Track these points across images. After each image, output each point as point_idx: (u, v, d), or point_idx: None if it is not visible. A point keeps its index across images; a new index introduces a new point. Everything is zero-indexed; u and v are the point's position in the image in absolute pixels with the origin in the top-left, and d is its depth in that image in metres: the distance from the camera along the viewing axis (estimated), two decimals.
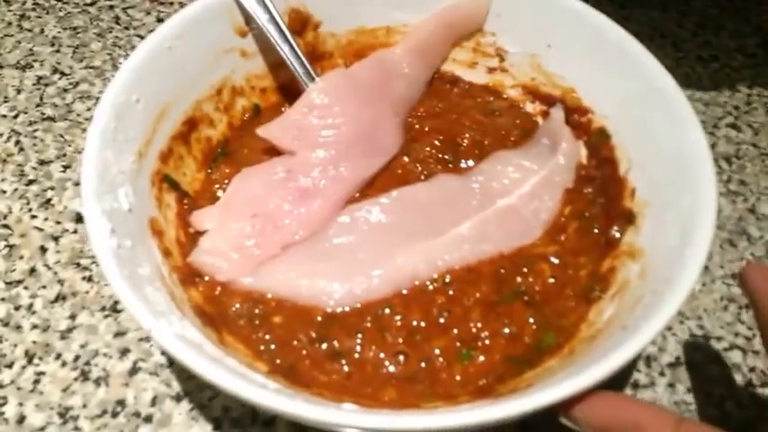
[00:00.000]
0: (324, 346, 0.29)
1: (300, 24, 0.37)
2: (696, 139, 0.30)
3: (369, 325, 0.30)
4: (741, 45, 0.55)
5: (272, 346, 0.29)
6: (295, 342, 0.29)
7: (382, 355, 0.29)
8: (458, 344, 0.29)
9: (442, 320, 0.30)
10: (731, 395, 0.35)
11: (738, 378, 0.35)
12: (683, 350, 0.36)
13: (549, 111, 0.37)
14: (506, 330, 0.30)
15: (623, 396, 0.24)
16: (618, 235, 0.32)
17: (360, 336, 0.30)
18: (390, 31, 0.39)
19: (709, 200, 0.27)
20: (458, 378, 0.28)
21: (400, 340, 0.29)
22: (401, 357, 0.29)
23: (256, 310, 0.30)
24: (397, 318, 0.30)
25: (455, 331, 0.30)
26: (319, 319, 0.30)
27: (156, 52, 0.32)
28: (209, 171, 0.35)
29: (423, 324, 0.30)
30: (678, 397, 0.34)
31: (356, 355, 0.29)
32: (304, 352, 0.29)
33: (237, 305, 0.30)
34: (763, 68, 0.53)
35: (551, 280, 0.31)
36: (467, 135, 0.36)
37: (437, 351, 0.29)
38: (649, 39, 0.55)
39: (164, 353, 0.34)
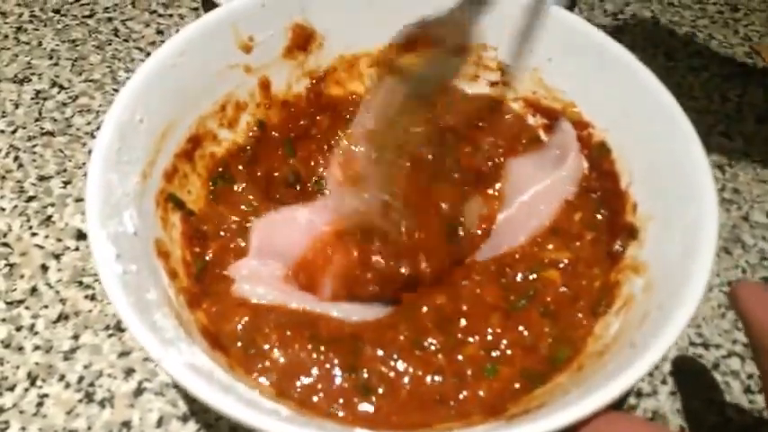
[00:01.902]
0: (350, 376, 0.28)
1: (304, 40, 0.37)
2: (695, 153, 0.30)
3: (403, 338, 0.29)
4: (730, 54, 0.56)
5: (275, 376, 0.28)
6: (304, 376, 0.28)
7: (416, 374, 0.28)
8: (482, 352, 0.29)
9: (463, 323, 0.30)
10: (731, 401, 0.36)
11: (737, 384, 0.36)
12: (683, 358, 0.37)
13: (553, 123, 0.38)
14: (525, 334, 0.30)
15: (627, 416, 0.24)
16: (621, 249, 0.32)
17: (396, 356, 0.28)
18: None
19: (710, 214, 0.28)
20: (481, 394, 0.28)
21: (439, 356, 0.28)
22: (438, 378, 0.28)
23: (255, 337, 0.29)
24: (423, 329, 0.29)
25: (476, 338, 0.29)
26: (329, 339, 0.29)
27: (159, 70, 0.31)
28: (211, 197, 0.34)
29: (441, 338, 0.29)
30: (680, 405, 0.35)
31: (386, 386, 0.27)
32: (320, 386, 0.27)
33: (239, 325, 0.29)
34: (752, 77, 0.54)
35: (563, 289, 0.31)
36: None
37: (465, 364, 0.28)
38: (642, 49, 0.56)
39: None
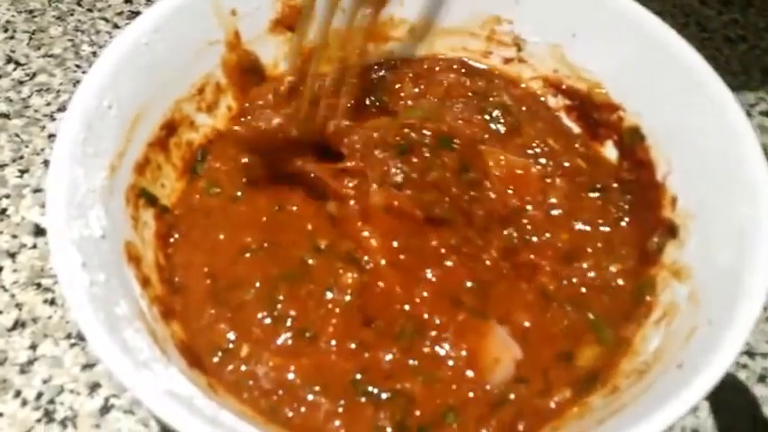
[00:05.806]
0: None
1: (293, 13, 0.32)
2: (746, 144, 0.27)
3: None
4: None
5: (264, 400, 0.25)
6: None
7: None
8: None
9: None
10: None
11: None
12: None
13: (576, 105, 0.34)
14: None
15: None
16: (657, 247, 0.29)
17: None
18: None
19: (766, 215, 0.24)
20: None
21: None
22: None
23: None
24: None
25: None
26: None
27: (130, 50, 0.28)
28: (191, 178, 0.31)
29: None
30: (723, 422, 0.32)
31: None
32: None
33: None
34: None
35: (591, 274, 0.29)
36: None
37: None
38: (671, 18, 0.52)
39: None
